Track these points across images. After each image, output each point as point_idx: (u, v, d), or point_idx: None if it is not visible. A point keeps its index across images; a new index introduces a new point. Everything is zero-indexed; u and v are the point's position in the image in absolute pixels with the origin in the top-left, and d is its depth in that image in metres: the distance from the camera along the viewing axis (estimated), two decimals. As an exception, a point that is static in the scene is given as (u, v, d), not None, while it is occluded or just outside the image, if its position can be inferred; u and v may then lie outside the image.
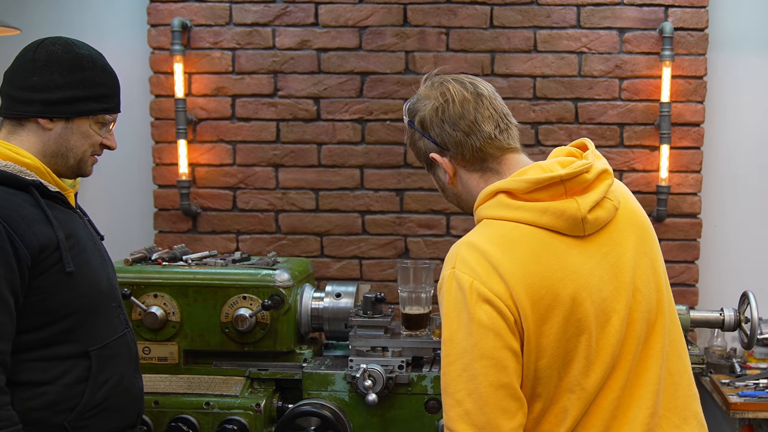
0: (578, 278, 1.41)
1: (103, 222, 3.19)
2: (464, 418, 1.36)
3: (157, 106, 3.30)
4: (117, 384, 1.72)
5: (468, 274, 1.38)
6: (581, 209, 1.42)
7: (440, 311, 1.44)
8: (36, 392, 1.60)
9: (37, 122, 1.68)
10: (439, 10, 3.24)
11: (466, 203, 1.59)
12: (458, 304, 1.38)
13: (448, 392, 1.38)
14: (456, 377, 1.37)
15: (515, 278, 1.37)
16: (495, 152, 1.52)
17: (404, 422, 2.31)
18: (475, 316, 1.36)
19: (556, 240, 1.42)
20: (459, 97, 1.52)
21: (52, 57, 1.67)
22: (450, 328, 1.39)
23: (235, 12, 3.27)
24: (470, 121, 1.51)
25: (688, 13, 3.19)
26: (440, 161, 1.56)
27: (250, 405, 2.31)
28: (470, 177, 1.55)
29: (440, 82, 1.56)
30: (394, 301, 2.79)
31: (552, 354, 1.40)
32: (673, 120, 3.20)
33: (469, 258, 1.40)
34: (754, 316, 2.26)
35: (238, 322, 2.34)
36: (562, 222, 1.42)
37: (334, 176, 3.31)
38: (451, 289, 1.40)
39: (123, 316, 1.81)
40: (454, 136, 1.51)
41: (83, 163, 1.75)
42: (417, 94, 1.59)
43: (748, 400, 2.77)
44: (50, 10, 3.35)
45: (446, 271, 1.42)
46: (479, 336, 1.36)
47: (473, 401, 1.35)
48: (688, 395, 1.54)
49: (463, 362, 1.37)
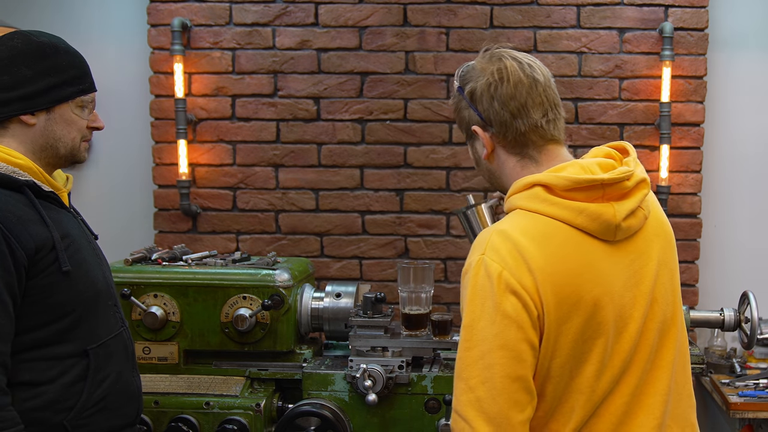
0: (603, 282, 1.41)
1: (103, 222, 3.20)
2: (475, 405, 1.35)
3: (157, 106, 3.30)
4: (115, 382, 1.72)
5: (498, 263, 1.37)
6: (617, 216, 1.42)
7: (462, 296, 1.43)
8: (35, 392, 1.60)
9: (20, 120, 1.66)
10: (439, 10, 3.24)
11: (497, 181, 1.59)
12: (484, 292, 1.37)
13: (462, 377, 1.37)
14: (472, 363, 1.37)
15: (544, 274, 1.37)
16: (537, 140, 1.51)
17: (404, 422, 2.30)
18: (500, 306, 1.36)
19: (587, 241, 1.43)
20: (514, 77, 1.50)
21: (15, 52, 1.65)
22: (472, 314, 1.38)
23: (235, 12, 3.27)
24: (520, 104, 1.49)
25: (688, 13, 3.19)
26: (481, 135, 1.54)
27: (250, 405, 2.31)
28: (508, 158, 1.54)
29: (499, 57, 1.53)
30: (394, 301, 2.79)
31: (567, 354, 1.40)
32: (673, 120, 3.20)
33: (500, 247, 1.39)
34: (754, 316, 2.26)
35: (238, 322, 2.34)
36: (596, 225, 1.42)
37: (334, 176, 3.31)
38: (478, 275, 1.39)
39: (119, 314, 1.81)
40: (501, 115, 1.50)
41: (75, 150, 1.74)
42: (472, 63, 1.57)
43: (748, 400, 2.77)
44: (50, 10, 3.35)
45: (474, 257, 1.41)
46: (502, 326, 1.36)
47: (486, 390, 1.35)
48: (688, 405, 1.55)
49: (481, 350, 1.36)
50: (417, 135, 3.29)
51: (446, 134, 3.29)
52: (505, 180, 1.55)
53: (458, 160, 3.28)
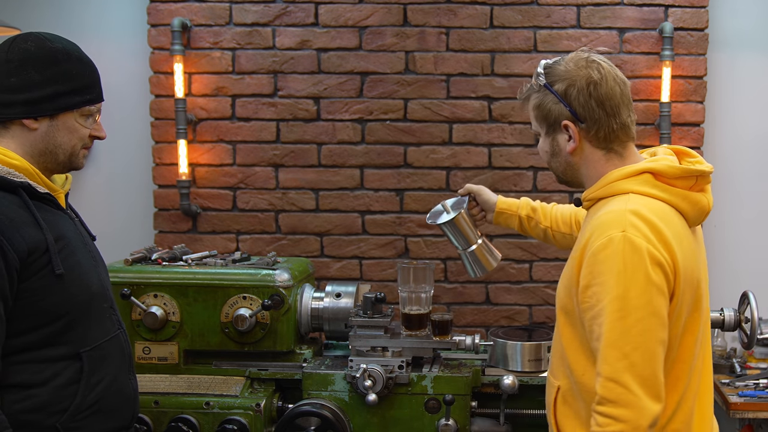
0: (697, 261, 1.62)
1: (103, 222, 3.21)
2: (630, 370, 1.47)
3: (157, 106, 3.30)
4: (110, 385, 1.71)
5: (642, 239, 1.51)
6: (710, 204, 1.66)
7: (598, 270, 1.52)
8: (26, 394, 1.58)
9: (22, 123, 1.65)
10: (439, 10, 3.24)
11: (574, 173, 1.72)
12: (632, 265, 1.49)
13: (616, 346, 1.48)
14: (626, 332, 1.48)
15: (675, 251, 1.54)
16: (623, 137, 1.67)
17: (404, 422, 2.31)
18: (650, 276, 1.49)
19: (684, 224, 1.62)
20: (611, 78, 1.65)
21: (26, 55, 1.64)
22: (622, 286, 1.49)
23: (235, 12, 3.27)
24: (615, 104, 1.64)
25: (688, 13, 3.19)
26: (573, 130, 1.66)
27: (250, 405, 2.31)
28: (593, 152, 1.68)
29: (592, 60, 1.68)
30: (394, 301, 2.79)
31: (679, 325, 1.56)
32: (673, 120, 3.20)
33: (639, 224, 1.52)
34: (754, 316, 2.26)
35: (238, 322, 2.34)
36: (695, 211, 1.63)
37: (334, 176, 3.31)
38: (623, 250, 1.50)
39: (116, 317, 1.80)
40: (597, 113, 1.63)
41: (74, 157, 1.73)
42: (561, 61, 1.71)
43: (748, 400, 2.77)
44: (50, 10, 3.35)
45: (613, 233, 1.52)
46: (652, 295, 1.49)
47: (640, 354, 1.47)
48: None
49: (634, 318, 1.48)
50: (417, 135, 3.29)
51: (446, 134, 3.29)
52: (585, 172, 1.70)
53: (458, 160, 3.28)
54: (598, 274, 1.52)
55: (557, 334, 1.71)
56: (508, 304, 3.32)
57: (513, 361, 2.37)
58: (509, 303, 3.32)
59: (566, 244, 2.22)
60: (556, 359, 1.73)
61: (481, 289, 3.32)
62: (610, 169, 1.66)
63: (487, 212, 2.25)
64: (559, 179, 1.78)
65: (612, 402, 1.48)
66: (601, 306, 1.51)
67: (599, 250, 1.53)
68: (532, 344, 2.36)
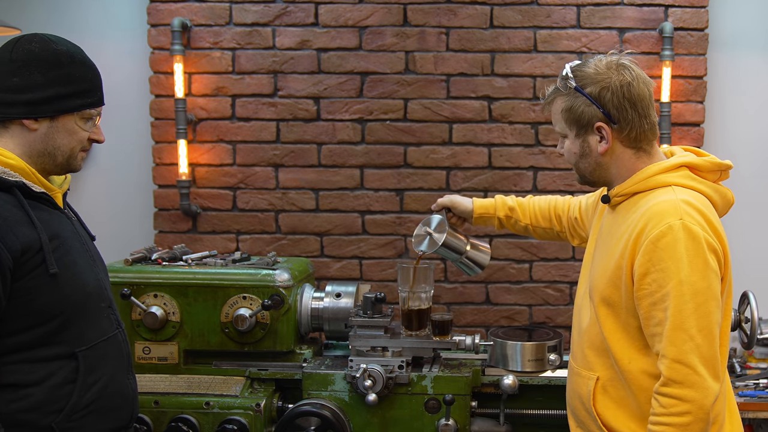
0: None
1: (102, 222, 3.21)
2: (695, 351, 1.55)
3: (157, 106, 3.30)
4: (107, 385, 1.71)
5: (698, 227, 1.59)
6: (734, 197, 1.77)
7: (658, 257, 1.59)
8: (21, 394, 1.58)
9: (22, 123, 1.65)
10: (439, 10, 3.24)
11: (603, 173, 1.78)
12: (693, 251, 1.58)
13: (683, 328, 1.56)
14: (690, 314, 1.56)
15: (723, 239, 1.64)
16: (651, 137, 1.75)
17: (404, 422, 2.30)
18: (708, 262, 1.58)
19: None
20: (641, 80, 1.72)
21: (30, 56, 1.64)
22: (684, 272, 1.57)
23: (235, 12, 3.27)
24: (645, 104, 1.72)
25: (688, 13, 3.19)
26: (606, 131, 1.72)
27: (250, 405, 2.31)
28: (624, 151, 1.74)
29: (622, 63, 1.73)
30: (394, 301, 2.79)
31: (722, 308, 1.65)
32: (673, 120, 3.20)
33: (693, 214, 1.61)
34: (754, 316, 2.26)
35: (238, 322, 2.34)
36: (723, 202, 1.75)
37: (334, 176, 3.31)
38: (683, 237, 1.58)
39: (114, 316, 1.79)
40: (630, 114, 1.70)
41: (72, 159, 1.73)
42: (591, 64, 1.75)
43: (748, 400, 2.77)
44: (50, 10, 3.35)
45: (672, 221, 1.59)
46: (711, 280, 1.58)
47: (703, 336, 1.56)
48: None
49: (698, 301, 1.57)
50: (417, 135, 3.29)
51: (446, 134, 3.29)
52: (615, 171, 1.76)
53: (458, 160, 3.28)
54: (659, 261, 1.58)
55: (595, 327, 1.74)
56: (508, 304, 3.32)
57: (513, 361, 2.37)
58: (509, 303, 3.32)
59: (547, 237, 2.28)
60: (591, 351, 1.76)
61: (481, 289, 3.33)
62: (640, 166, 1.73)
63: (466, 219, 2.30)
64: (584, 180, 1.82)
65: (679, 383, 1.55)
66: (664, 291, 1.57)
67: (658, 237, 1.59)
68: (532, 344, 2.36)
